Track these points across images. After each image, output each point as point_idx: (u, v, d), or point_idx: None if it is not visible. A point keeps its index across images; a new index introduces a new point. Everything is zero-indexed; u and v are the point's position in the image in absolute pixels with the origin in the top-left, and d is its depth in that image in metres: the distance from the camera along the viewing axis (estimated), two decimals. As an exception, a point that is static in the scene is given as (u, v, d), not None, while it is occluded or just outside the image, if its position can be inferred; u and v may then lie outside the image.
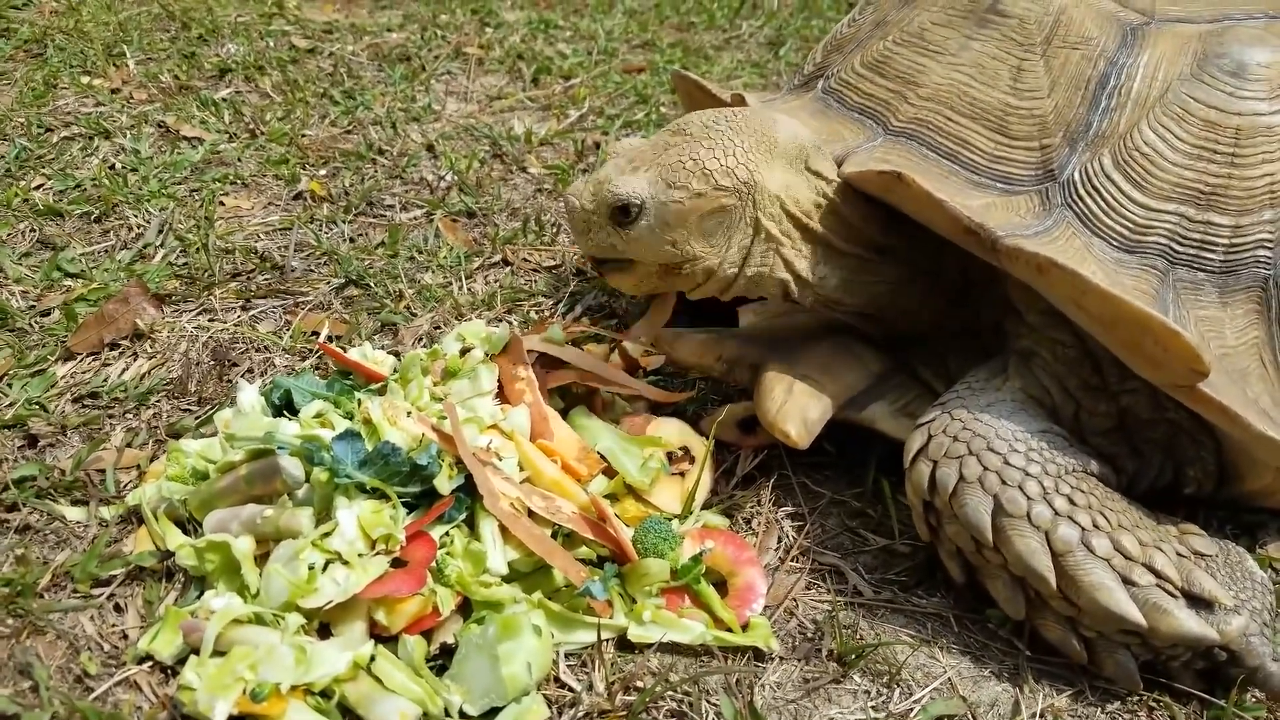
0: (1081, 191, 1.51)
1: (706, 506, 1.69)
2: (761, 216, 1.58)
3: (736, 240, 1.59)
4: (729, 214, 1.56)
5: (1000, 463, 1.44)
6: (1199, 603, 1.36)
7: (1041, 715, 1.38)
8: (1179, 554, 1.41)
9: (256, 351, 2.04)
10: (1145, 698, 1.40)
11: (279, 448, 1.46)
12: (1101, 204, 1.50)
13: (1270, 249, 1.49)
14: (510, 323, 1.78)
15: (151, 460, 1.68)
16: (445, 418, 1.57)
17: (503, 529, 1.45)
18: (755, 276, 1.63)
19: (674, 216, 1.53)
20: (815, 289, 1.67)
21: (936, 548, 1.53)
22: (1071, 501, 1.41)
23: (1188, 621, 1.33)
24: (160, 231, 2.43)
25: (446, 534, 1.44)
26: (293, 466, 1.45)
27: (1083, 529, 1.38)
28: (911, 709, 1.38)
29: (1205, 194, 1.48)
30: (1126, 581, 1.35)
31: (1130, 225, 1.49)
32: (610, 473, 1.65)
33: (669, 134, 1.61)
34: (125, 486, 1.63)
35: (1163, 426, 1.57)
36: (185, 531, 1.50)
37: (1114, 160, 1.51)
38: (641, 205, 1.52)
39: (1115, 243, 1.49)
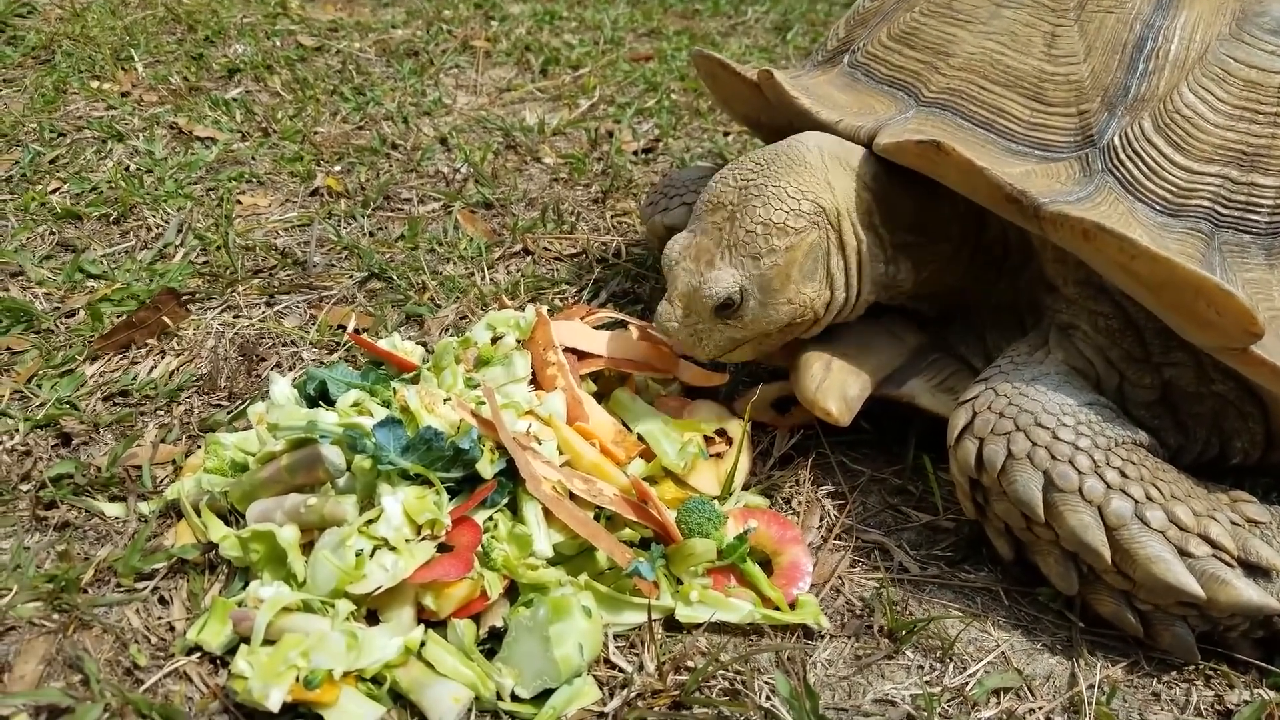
0: (1122, 156, 1.49)
1: (745, 488, 1.67)
2: (843, 234, 1.60)
3: (836, 265, 1.60)
4: (817, 248, 1.57)
5: (1049, 437, 1.41)
6: (1256, 571, 1.34)
7: (1098, 687, 1.36)
8: (1233, 523, 1.38)
9: (284, 346, 2.02)
10: (1202, 667, 1.39)
11: (321, 436, 1.44)
12: (1143, 168, 1.47)
13: (1317, 209, 1.47)
14: (538, 307, 1.76)
15: (186, 455, 1.66)
16: (483, 403, 1.56)
17: (546, 512, 1.43)
18: (867, 292, 1.66)
19: (778, 280, 1.55)
20: (893, 288, 1.69)
21: (983, 525, 1.51)
22: (1123, 474, 1.39)
23: (1247, 591, 1.30)
24: (179, 231, 2.42)
25: (490, 518, 1.42)
26: (334, 455, 1.43)
27: (1136, 501, 1.36)
28: (967, 683, 1.36)
29: (1249, 155, 1.46)
30: (1182, 553, 1.33)
31: (1173, 189, 1.46)
32: (648, 456, 1.63)
33: (708, 211, 1.60)
34: (162, 482, 1.61)
35: (1209, 400, 1.55)
36: (227, 523, 1.48)
37: (1154, 124, 1.48)
38: (742, 290, 1.54)
39: (1159, 207, 1.47)
